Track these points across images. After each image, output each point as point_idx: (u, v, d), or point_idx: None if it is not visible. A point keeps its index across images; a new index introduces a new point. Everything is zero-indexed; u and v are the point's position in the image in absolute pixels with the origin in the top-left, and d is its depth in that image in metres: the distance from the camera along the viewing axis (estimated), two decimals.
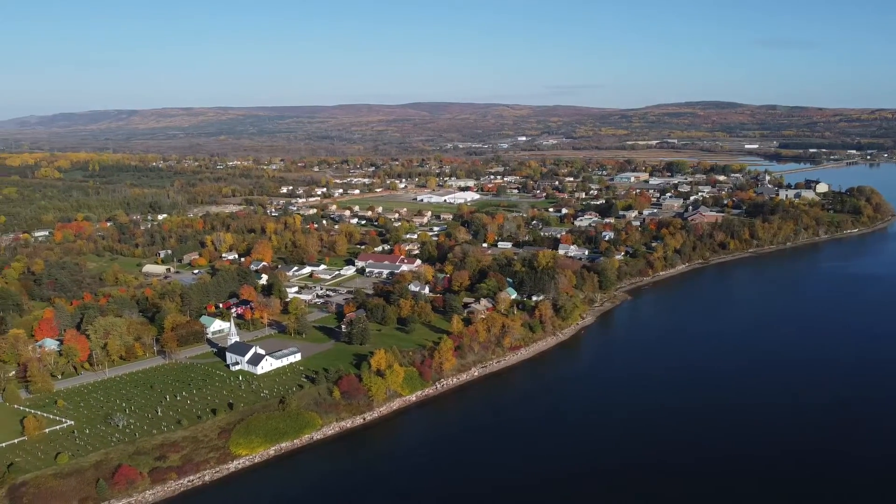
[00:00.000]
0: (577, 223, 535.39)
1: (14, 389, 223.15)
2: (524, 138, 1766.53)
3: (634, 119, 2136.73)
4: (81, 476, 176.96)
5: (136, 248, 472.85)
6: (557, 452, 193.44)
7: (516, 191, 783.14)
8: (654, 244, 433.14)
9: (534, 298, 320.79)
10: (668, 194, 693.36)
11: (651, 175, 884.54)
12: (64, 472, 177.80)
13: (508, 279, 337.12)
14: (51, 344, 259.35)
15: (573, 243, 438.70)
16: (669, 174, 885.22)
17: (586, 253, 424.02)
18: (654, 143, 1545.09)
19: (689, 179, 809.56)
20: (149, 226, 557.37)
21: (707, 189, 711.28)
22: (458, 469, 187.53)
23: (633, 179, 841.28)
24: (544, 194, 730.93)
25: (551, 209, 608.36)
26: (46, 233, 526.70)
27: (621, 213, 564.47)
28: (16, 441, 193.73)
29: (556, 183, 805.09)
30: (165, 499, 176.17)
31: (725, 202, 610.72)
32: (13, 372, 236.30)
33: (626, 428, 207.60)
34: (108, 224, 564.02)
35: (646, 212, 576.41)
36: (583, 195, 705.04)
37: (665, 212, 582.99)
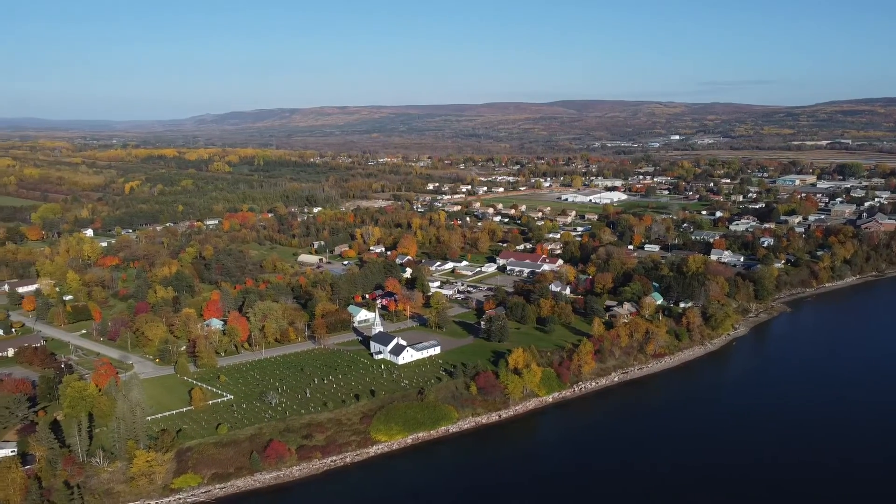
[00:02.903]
0: (732, 227, 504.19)
1: (184, 363, 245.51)
2: (677, 137, 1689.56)
3: (802, 117, 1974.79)
4: (238, 447, 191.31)
5: (293, 239, 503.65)
6: (700, 463, 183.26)
7: (666, 192, 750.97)
8: (819, 253, 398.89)
9: (681, 305, 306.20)
10: (839, 199, 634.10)
11: (819, 178, 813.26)
12: (223, 442, 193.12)
13: (654, 283, 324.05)
14: (216, 324, 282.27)
15: (727, 248, 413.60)
16: (841, 177, 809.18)
17: (741, 259, 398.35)
18: (823, 143, 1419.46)
19: (865, 183, 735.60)
20: (305, 218, 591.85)
21: (886, 195, 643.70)
22: (593, 475, 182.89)
23: (797, 182, 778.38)
24: (697, 196, 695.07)
25: (704, 212, 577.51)
26: (216, 221, 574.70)
27: (783, 217, 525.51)
28: (184, 409, 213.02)
29: (711, 184, 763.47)
30: (310, 475, 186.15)
31: None
32: (184, 347, 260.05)
33: (773, 454, 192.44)
34: (270, 215, 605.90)
35: (811, 217, 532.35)
36: (740, 198, 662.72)
37: (834, 218, 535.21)
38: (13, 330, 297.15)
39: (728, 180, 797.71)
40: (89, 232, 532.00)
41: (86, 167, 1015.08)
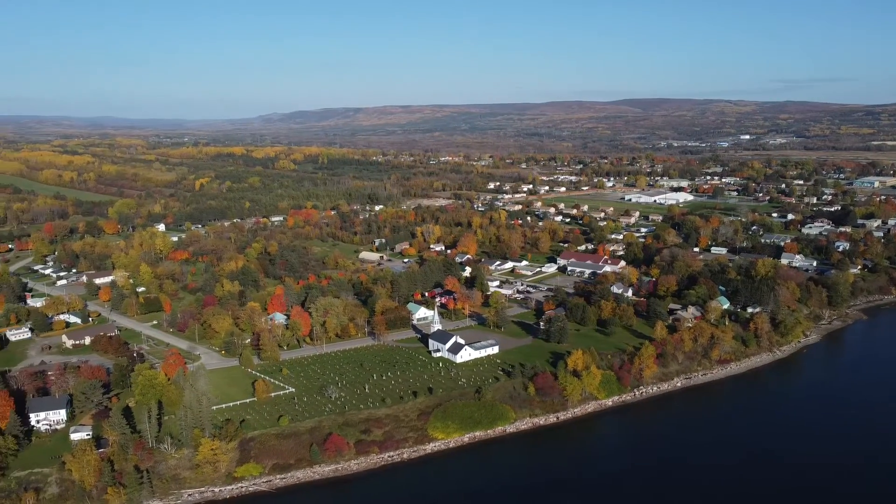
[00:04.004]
0: (804, 231, 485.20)
1: (249, 355, 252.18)
2: (747, 137, 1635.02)
3: (883, 116, 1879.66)
4: (298, 439, 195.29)
5: (355, 236, 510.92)
6: (763, 477, 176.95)
7: (735, 193, 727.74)
8: None
9: (749, 310, 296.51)
10: None
11: None
12: (284, 434, 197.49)
13: (721, 287, 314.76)
14: (280, 318, 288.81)
15: (799, 252, 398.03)
16: None
17: (814, 264, 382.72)
18: None
19: None
20: (366, 216, 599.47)
21: None
22: (651, 481, 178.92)
23: (877, 184, 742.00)
24: (767, 198, 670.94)
25: (775, 214, 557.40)
26: (281, 218, 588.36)
27: (860, 221, 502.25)
28: (247, 401, 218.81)
29: (783, 186, 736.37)
30: (367, 470, 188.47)
31: None
32: (248, 340, 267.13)
33: (844, 475, 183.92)
34: (332, 212, 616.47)
35: (891, 221, 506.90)
36: (814, 200, 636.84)
37: None
38: (90, 319, 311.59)
39: (801, 182, 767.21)
40: (161, 227, 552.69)
41: (159, 164, 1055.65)
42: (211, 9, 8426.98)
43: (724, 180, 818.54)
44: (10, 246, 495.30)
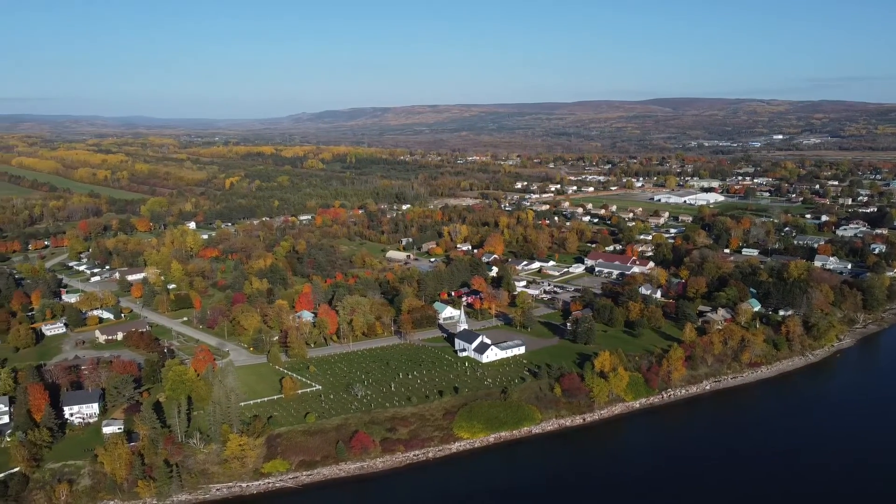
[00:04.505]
0: (839, 232, 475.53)
1: (276, 353, 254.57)
2: (780, 137, 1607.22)
3: None
4: (325, 436, 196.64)
5: (382, 235, 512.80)
6: (794, 486, 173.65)
7: (767, 194, 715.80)
8: None
9: (780, 313, 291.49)
10: None
11: None
12: (311, 430, 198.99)
13: (752, 289, 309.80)
14: (307, 316, 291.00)
15: (833, 255, 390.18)
16: None
17: (849, 267, 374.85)
18: None
19: None
20: (394, 215, 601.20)
21: None
22: (678, 485, 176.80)
23: None
24: (801, 199, 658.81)
25: (808, 215, 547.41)
26: (309, 217, 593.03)
27: None
28: (275, 397, 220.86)
29: (816, 186, 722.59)
30: (393, 468, 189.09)
31: None
32: (276, 337, 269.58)
33: (877, 477, 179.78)
34: (360, 211, 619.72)
35: None
36: (849, 201, 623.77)
37: None
38: (122, 315, 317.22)
39: (836, 182, 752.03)
40: (192, 225, 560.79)
41: (190, 163, 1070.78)
42: (243, 11, 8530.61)
43: (755, 181, 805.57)
44: (46, 243, 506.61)
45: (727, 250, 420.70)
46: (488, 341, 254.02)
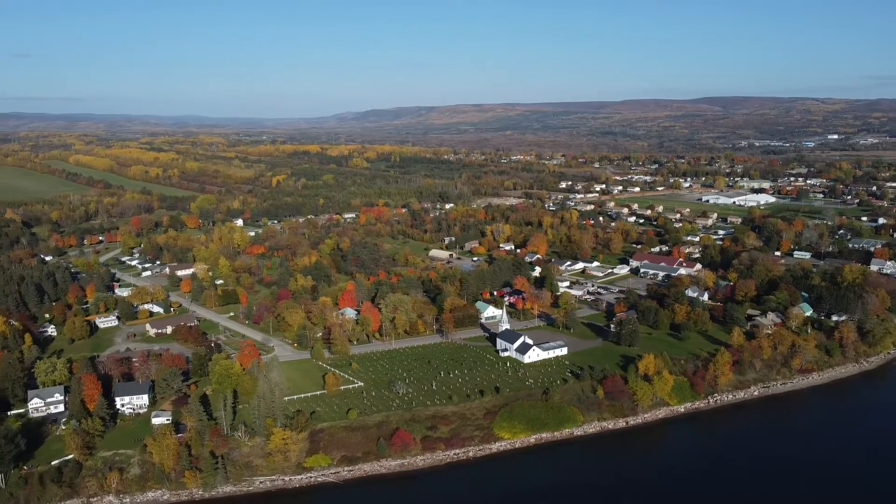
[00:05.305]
0: None
1: (320, 349, 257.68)
2: (835, 136, 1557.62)
3: None
4: (366, 433, 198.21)
5: (425, 234, 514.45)
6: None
7: (821, 195, 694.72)
8: None
9: (833, 318, 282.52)
10: None
11: None
12: (353, 427, 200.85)
13: (803, 293, 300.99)
14: (350, 313, 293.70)
15: (890, 259, 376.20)
16: None
17: None
18: None
19: None
20: (437, 214, 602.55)
21: None
22: (723, 493, 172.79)
23: None
24: (856, 201, 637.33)
25: (864, 218, 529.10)
26: (354, 215, 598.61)
27: None
28: (318, 393, 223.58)
29: (873, 188, 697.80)
30: (433, 466, 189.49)
31: None
32: (320, 333, 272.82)
33: None
34: (403, 210, 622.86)
35: None
36: None
37: None
38: (172, 309, 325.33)
39: (894, 184, 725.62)
40: (239, 222, 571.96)
41: (238, 161, 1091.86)
42: (291, 14, 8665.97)
43: (809, 182, 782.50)
44: (100, 238, 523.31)
45: (778, 253, 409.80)
46: (530, 341, 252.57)
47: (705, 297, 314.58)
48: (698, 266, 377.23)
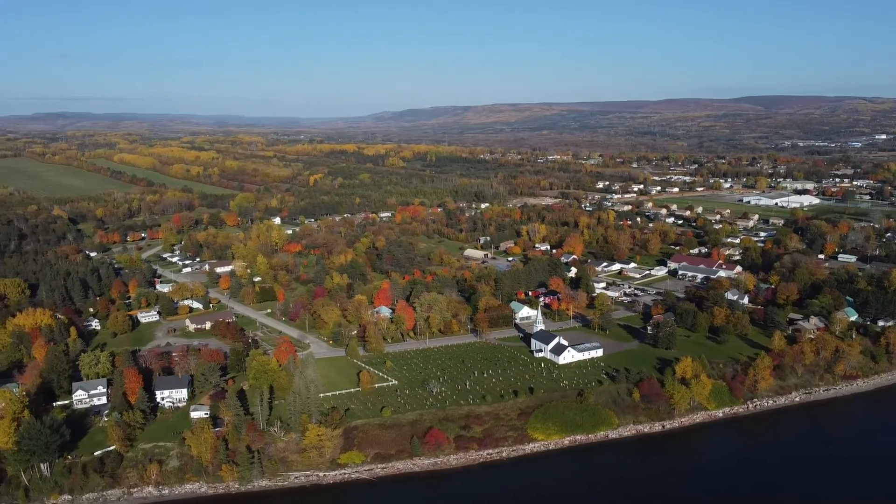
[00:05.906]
0: None
1: (354, 346, 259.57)
2: (884, 137, 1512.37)
3: None
4: (399, 431, 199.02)
5: (460, 233, 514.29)
6: None
7: (868, 197, 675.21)
8: None
9: (880, 323, 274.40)
10: None
11: None
12: (386, 424, 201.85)
13: (848, 298, 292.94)
14: (385, 311, 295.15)
15: None
16: None
17: None
18: None
19: None
20: (472, 213, 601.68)
21: None
22: (763, 500, 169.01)
23: None
24: None
25: None
26: (389, 214, 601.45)
27: None
28: (352, 390, 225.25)
29: None
30: (465, 466, 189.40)
31: None
32: (355, 331, 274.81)
33: None
34: (439, 209, 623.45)
35: None
36: None
37: None
38: (211, 305, 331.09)
39: None
40: (277, 220, 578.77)
41: (276, 160, 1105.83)
42: (330, 14, 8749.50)
43: (855, 183, 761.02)
44: (143, 235, 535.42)
45: (821, 256, 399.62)
46: (565, 342, 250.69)
47: (745, 300, 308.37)
48: (738, 268, 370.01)
